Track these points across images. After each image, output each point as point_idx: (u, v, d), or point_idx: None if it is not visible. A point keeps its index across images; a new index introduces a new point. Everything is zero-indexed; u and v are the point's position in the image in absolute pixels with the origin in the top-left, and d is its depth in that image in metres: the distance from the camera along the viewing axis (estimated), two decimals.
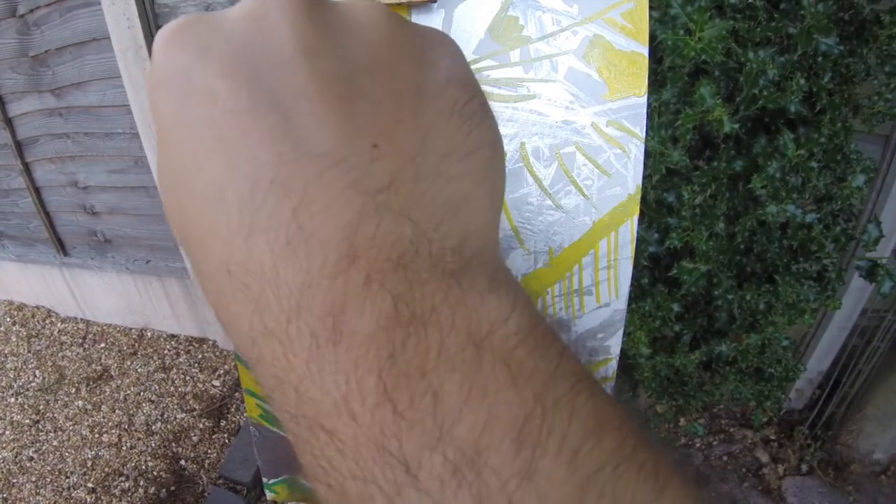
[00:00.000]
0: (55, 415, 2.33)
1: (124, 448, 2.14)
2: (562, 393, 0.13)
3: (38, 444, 2.21)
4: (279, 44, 0.16)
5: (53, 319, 2.90)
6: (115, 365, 2.54)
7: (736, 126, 0.98)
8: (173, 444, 2.13)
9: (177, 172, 0.17)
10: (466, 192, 0.16)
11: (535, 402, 0.13)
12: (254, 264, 0.14)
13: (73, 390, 2.44)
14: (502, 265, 0.17)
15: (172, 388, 2.37)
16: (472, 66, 0.37)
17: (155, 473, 2.03)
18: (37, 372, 2.58)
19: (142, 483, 2.00)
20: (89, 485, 2.01)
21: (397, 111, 0.16)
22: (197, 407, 2.26)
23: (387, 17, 0.18)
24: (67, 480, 2.04)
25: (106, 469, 2.06)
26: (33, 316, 2.95)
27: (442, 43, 0.19)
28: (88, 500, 1.97)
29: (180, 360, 2.51)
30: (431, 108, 0.17)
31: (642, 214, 1.15)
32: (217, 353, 2.51)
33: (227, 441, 2.12)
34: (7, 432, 2.29)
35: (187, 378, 2.41)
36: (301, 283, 0.14)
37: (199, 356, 2.51)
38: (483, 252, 0.16)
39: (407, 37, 0.18)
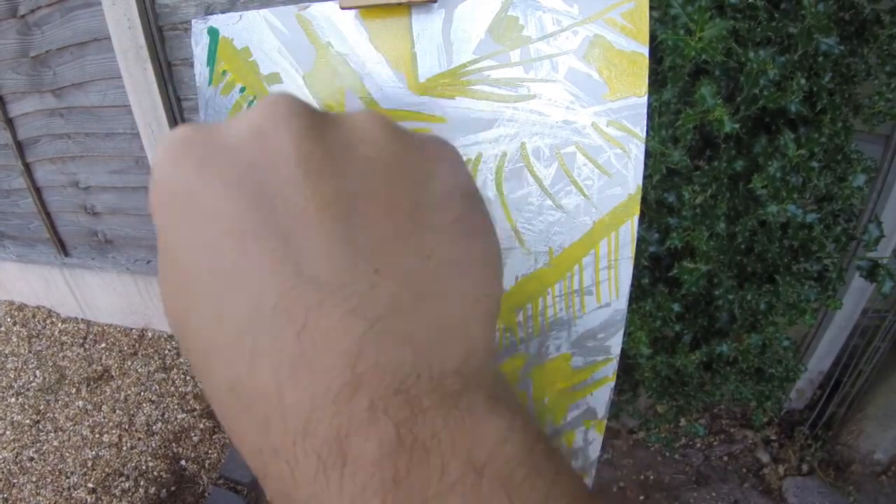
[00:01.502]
0: (55, 415, 2.34)
1: (125, 448, 2.14)
2: None
3: (38, 445, 2.21)
4: (282, 164, 0.16)
5: (54, 319, 2.90)
6: (116, 365, 2.54)
7: (736, 126, 0.98)
8: (174, 445, 2.13)
9: (178, 285, 0.17)
10: (465, 313, 0.17)
11: None
12: (258, 386, 0.15)
13: (74, 390, 2.44)
14: (500, 379, 0.17)
15: (173, 389, 2.37)
16: (473, 66, 0.37)
17: (155, 473, 2.03)
18: (37, 372, 2.58)
19: (142, 483, 2.00)
20: (90, 485, 2.02)
21: (397, 232, 0.16)
22: (197, 407, 2.26)
23: (386, 133, 0.18)
24: (68, 480, 2.05)
25: (106, 469, 2.06)
26: (34, 316, 2.95)
27: (440, 154, 0.19)
28: (89, 500, 1.97)
29: (181, 360, 2.51)
30: (430, 225, 0.17)
31: (643, 214, 1.15)
32: None
33: (227, 441, 2.12)
34: (7, 432, 2.29)
35: (188, 378, 2.41)
36: (306, 409, 0.14)
37: None
38: (481, 370, 0.16)
39: (406, 151, 0.18)
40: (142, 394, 2.37)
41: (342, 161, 0.17)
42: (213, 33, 0.41)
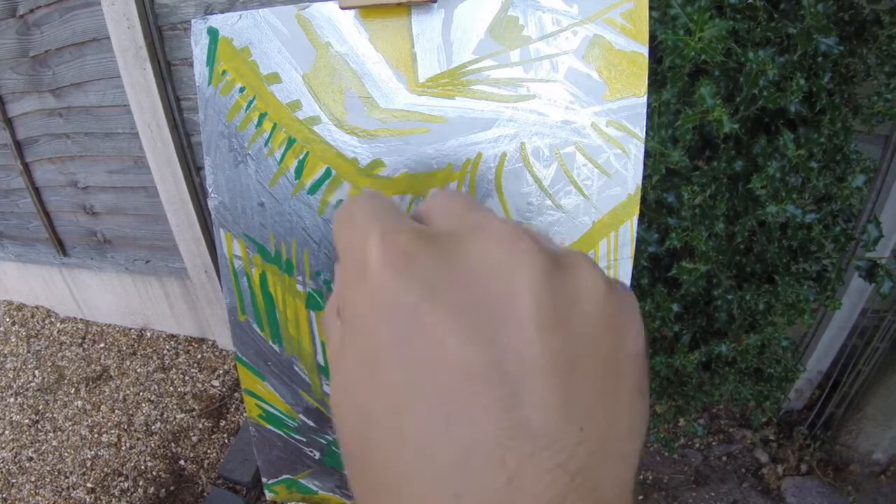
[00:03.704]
0: (54, 415, 2.33)
1: (124, 448, 2.14)
2: None
3: (37, 445, 2.21)
4: (518, 308, 0.17)
5: (53, 319, 2.90)
6: (115, 365, 2.54)
7: (736, 126, 0.98)
8: (173, 444, 2.13)
9: (377, 406, 0.17)
10: (629, 472, 0.18)
11: None
12: None
13: (73, 390, 2.44)
14: None
15: (172, 388, 2.37)
16: (472, 66, 0.37)
17: (154, 473, 2.03)
18: (36, 372, 2.58)
19: (141, 483, 2.00)
20: (88, 485, 2.01)
21: (601, 392, 0.18)
22: (196, 407, 2.26)
23: (604, 288, 0.19)
24: (67, 480, 2.04)
25: (105, 469, 2.06)
26: (33, 316, 2.95)
27: (633, 312, 0.20)
28: (88, 500, 1.96)
29: (180, 360, 2.51)
30: (624, 387, 0.19)
31: (642, 214, 1.15)
32: (216, 353, 2.51)
33: (226, 441, 2.12)
34: (6, 432, 2.29)
35: (187, 378, 2.41)
36: None
37: (199, 356, 2.51)
38: None
39: (614, 306, 0.19)
40: (141, 394, 2.37)
41: (568, 315, 0.18)
42: (213, 33, 0.41)
